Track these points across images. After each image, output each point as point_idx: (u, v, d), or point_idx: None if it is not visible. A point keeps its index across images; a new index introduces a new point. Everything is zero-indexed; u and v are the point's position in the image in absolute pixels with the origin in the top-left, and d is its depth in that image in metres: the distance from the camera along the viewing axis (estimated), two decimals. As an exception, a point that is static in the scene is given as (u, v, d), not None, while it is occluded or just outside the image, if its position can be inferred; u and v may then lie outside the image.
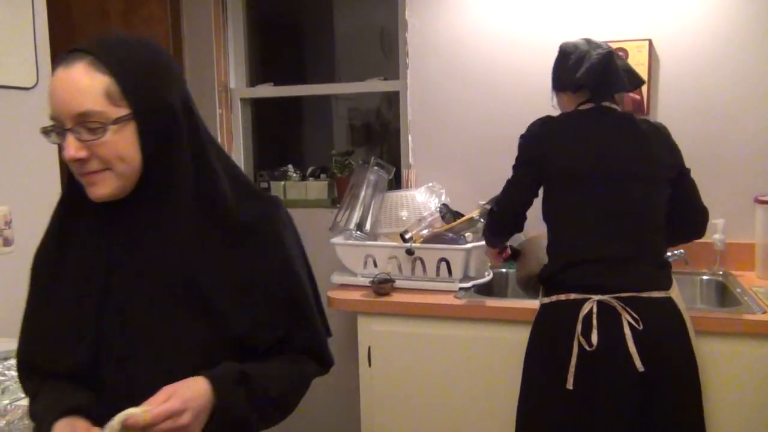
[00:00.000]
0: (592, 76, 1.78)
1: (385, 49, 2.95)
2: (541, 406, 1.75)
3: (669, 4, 2.39)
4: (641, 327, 1.63)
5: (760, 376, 1.85)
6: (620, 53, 2.42)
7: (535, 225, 1.95)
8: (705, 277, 2.33)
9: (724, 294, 2.24)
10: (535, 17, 2.54)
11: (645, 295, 1.67)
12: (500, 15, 2.58)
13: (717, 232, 2.32)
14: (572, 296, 1.70)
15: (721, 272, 2.34)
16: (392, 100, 2.89)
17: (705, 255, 2.35)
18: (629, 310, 1.65)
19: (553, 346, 1.72)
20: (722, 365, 1.87)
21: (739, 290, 2.13)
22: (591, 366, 1.64)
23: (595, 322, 1.64)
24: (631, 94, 2.34)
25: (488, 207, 2.02)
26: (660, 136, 1.82)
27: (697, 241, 2.33)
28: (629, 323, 1.63)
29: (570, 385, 1.65)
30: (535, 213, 1.89)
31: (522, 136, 1.87)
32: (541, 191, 1.86)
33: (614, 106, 1.83)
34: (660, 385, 1.66)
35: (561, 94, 1.92)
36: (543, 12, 2.54)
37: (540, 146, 1.81)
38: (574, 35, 2.48)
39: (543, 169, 1.81)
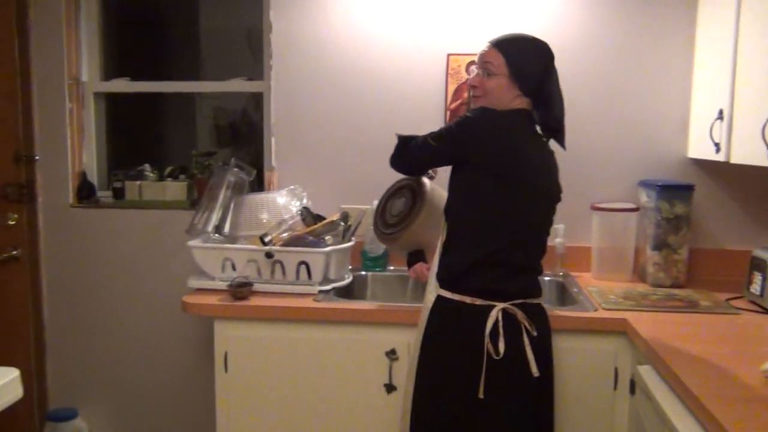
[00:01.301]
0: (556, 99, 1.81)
1: (254, 49, 2.91)
2: (445, 410, 1.73)
3: (516, 18, 2.55)
4: (535, 333, 1.72)
5: (593, 369, 2.02)
6: (472, 65, 2.57)
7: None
8: (547, 278, 2.50)
9: (563, 293, 2.42)
10: (397, 22, 2.62)
11: (531, 301, 1.76)
12: (364, 19, 2.63)
13: (558, 236, 2.50)
14: (478, 302, 1.71)
15: (561, 273, 2.52)
16: (259, 101, 2.86)
17: (547, 257, 2.50)
18: (527, 317, 1.72)
19: (461, 351, 1.71)
20: (561, 359, 2.01)
21: (576, 290, 2.31)
22: (495, 373, 1.68)
23: (501, 330, 1.68)
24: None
25: (405, 137, 1.94)
26: (555, 161, 1.89)
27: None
28: (526, 330, 1.71)
29: (482, 394, 1.67)
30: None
31: (471, 117, 1.73)
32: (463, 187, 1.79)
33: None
34: (546, 387, 1.78)
35: (513, 84, 1.77)
36: (405, 17, 2.62)
37: (483, 136, 1.70)
38: (434, 40, 2.61)
39: (472, 159, 1.72)
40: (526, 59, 1.78)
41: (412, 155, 1.90)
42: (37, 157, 2.80)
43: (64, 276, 2.86)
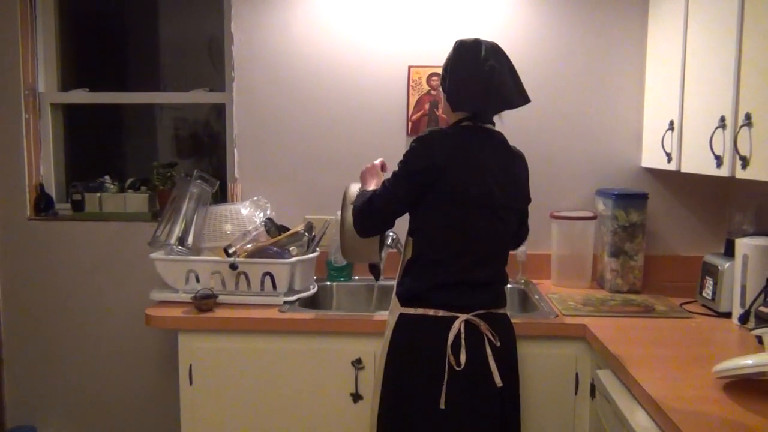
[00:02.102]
0: (477, 100, 1.73)
1: (214, 60, 2.90)
2: (409, 422, 1.72)
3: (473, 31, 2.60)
4: (499, 344, 1.73)
5: (555, 374, 2.07)
6: (434, 78, 2.61)
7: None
8: (509, 286, 2.53)
9: (525, 300, 2.47)
10: (358, 34, 2.65)
11: (495, 311, 1.77)
12: (325, 31, 2.65)
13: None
14: (440, 313, 1.70)
15: (522, 280, 2.58)
16: (221, 111, 2.85)
17: (509, 265, 2.56)
18: (489, 328, 1.73)
19: (424, 362, 1.70)
20: (524, 365, 2.05)
21: (537, 297, 2.37)
22: (458, 384, 1.68)
23: (463, 341, 1.69)
24: (444, 115, 2.48)
25: (361, 195, 1.83)
26: (524, 166, 1.87)
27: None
28: (489, 341, 1.72)
29: (443, 405, 1.67)
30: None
31: (416, 146, 1.72)
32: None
33: (491, 127, 1.81)
34: (513, 395, 1.80)
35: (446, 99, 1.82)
36: (366, 29, 2.65)
37: (434, 160, 1.68)
38: (395, 52, 2.65)
39: (430, 185, 1.70)
40: (443, 65, 1.82)
41: (374, 212, 1.77)
42: (-8, 169, 2.74)
43: (22, 290, 2.79)
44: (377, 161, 2.02)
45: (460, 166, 1.69)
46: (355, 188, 1.93)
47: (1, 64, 2.72)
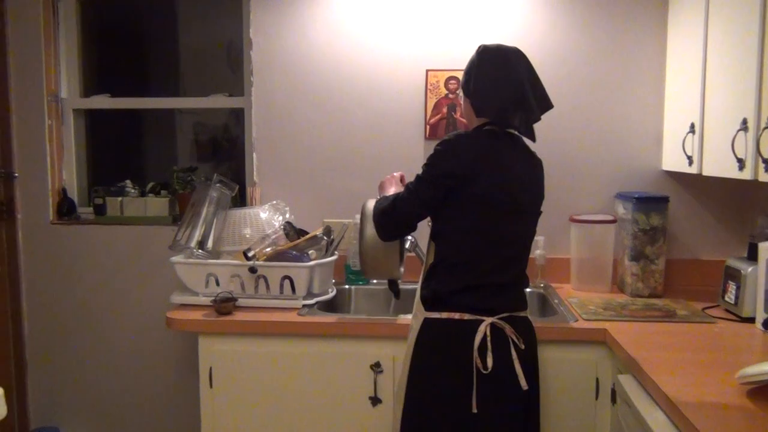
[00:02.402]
0: (506, 106, 1.73)
1: (232, 65, 2.93)
2: (436, 427, 1.71)
3: (491, 35, 2.60)
4: (523, 347, 1.73)
5: (575, 379, 2.05)
6: (452, 81, 2.61)
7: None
8: (528, 290, 2.53)
9: (544, 304, 2.46)
10: (376, 38, 2.66)
11: (518, 314, 1.78)
12: (343, 35, 2.66)
13: (538, 248, 2.55)
14: (466, 316, 1.70)
15: (542, 285, 2.56)
16: (240, 116, 2.87)
17: (528, 269, 2.55)
18: (514, 330, 1.73)
19: (451, 366, 1.70)
20: (543, 369, 2.04)
21: (556, 301, 2.35)
22: (485, 387, 1.68)
23: (489, 345, 1.69)
24: (464, 119, 2.48)
25: (382, 202, 1.82)
26: (541, 170, 1.88)
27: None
28: (514, 343, 1.72)
29: (475, 409, 1.67)
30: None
31: (442, 150, 1.71)
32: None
33: (513, 132, 1.80)
34: (535, 398, 1.80)
35: (466, 98, 1.83)
36: (384, 33, 2.65)
37: (460, 164, 1.68)
38: (413, 56, 2.65)
39: (456, 189, 1.69)
40: (465, 69, 1.83)
41: (396, 216, 1.77)
42: (16, 174, 2.78)
43: (45, 293, 2.83)
44: (396, 173, 2.04)
45: (486, 171, 1.69)
46: (371, 204, 1.92)
47: (24, 71, 2.77)
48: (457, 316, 1.71)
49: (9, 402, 2.73)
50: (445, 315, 1.72)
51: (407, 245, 2.31)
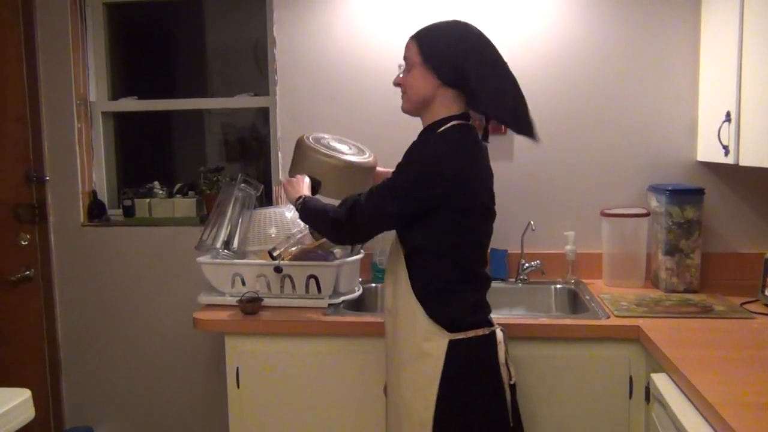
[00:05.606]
0: (512, 108, 1.64)
1: (260, 64, 2.93)
2: None
3: (516, 26, 2.55)
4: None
5: (607, 378, 2.00)
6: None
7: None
8: (558, 286, 2.49)
9: (575, 301, 2.40)
10: (400, 35, 2.61)
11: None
12: (367, 33, 2.64)
13: (568, 244, 2.49)
14: (487, 331, 1.65)
15: (573, 280, 2.50)
16: (267, 115, 2.88)
17: (558, 265, 2.51)
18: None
19: (482, 384, 1.63)
20: (575, 368, 2.00)
21: (588, 297, 2.30)
22: (512, 395, 1.66)
23: (506, 353, 1.66)
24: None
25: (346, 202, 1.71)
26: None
27: (551, 251, 2.51)
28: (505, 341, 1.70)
29: (511, 422, 1.62)
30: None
31: (431, 173, 1.56)
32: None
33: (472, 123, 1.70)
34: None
35: (447, 89, 1.65)
36: (408, 30, 2.60)
37: (444, 184, 1.55)
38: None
39: (437, 206, 1.57)
40: (438, 42, 1.63)
41: (361, 224, 1.65)
42: (47, 178, 2.83)
43: (77, 295, 2.88)
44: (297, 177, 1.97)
45: (469, 180, 1.59)
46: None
47: (54, 75, 2.81)
48: (480, 332, 1.64)
49: (44, 403, 2.78)
50: (471, 334, 1.62)
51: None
